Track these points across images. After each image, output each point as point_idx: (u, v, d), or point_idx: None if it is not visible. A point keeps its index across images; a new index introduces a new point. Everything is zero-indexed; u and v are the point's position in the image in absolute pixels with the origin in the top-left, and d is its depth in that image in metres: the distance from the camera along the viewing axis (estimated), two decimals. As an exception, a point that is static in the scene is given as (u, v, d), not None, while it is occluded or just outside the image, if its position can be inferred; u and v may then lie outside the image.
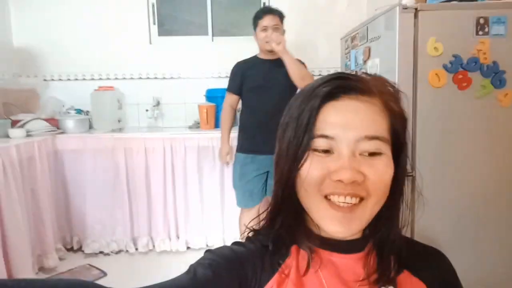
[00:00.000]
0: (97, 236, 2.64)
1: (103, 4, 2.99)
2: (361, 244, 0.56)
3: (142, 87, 3.08)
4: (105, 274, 2.38)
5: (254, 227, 0.63)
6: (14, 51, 2.99)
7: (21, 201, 2.12)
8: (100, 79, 3.06)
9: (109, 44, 3.03)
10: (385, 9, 1.38)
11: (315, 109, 0.52)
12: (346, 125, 0.51)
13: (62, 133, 2.67)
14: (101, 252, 2.66)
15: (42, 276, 2.32)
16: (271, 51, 2.10)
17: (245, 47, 2.50)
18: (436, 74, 1.30)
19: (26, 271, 2.09)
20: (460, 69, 1.29)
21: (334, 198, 0.50)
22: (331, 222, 0.51)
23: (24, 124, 2.50)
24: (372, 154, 0.51)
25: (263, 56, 2.22)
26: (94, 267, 2.47)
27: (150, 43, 3.08)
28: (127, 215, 2.64)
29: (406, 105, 0.58)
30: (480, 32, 1.28)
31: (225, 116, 2.34)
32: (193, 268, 0.53)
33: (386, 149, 0.52)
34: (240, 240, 0.62)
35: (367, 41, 1.53)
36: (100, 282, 2.27)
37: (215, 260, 0.54)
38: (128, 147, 2.61)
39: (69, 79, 3.06)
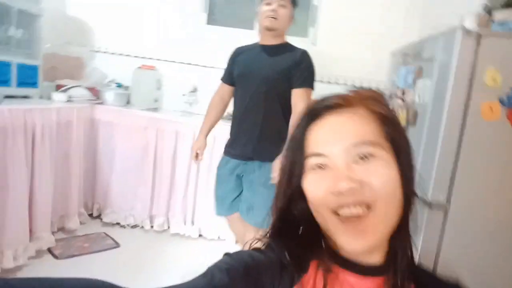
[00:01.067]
0: (117, 208, 2.71)
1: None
2: (382, 269, 0.54)
3: (183, 72, 3.12)
4: (118, 245, 2.45)
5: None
6: (67, 19, 3.09)
7: (53, 163, 2.21)
8: (144, 57, 3.12)
9: (158, 25, 3.09)
10: (445, 30, 1.32)
11: (303, 132, 0.57)
12: (333, 139, 0.53)
13: (101, 103, 2.75)
14: (117, 223, 2.73)
15: (61, 235, 2.42)
16: (271, 30, 1.76)
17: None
18: (490, 106, 1.23)
19: (45, 228, 2.18)
20: (516, 105, 1.22)
21: (342, 211, 0.51)
22: (345, 238, 0.51)
23: (67, 89, 2.59)
24: (365, 158, 0.51)
25: (262, 41, 1.85)
26: (109, 236, 2.54)
27: (197, 30, 3.11)
28: (149, 193, 2.69)
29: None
30: (545, 69, 1.21)
31: (210, 105, 2.05)
32: (210, 272, 0.52)
33: (380, 152, 0.52)
34: (261, 247, 0.62)
35: (420, 60, 1.47)
36: (112, 252, 2.37)
37: (233, 265, 0.53)
38: (160, 127, 2.66)
39: (114, 53, 3.14)
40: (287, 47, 1.82)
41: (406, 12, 2.90)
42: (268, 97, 1.74)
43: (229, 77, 1.95)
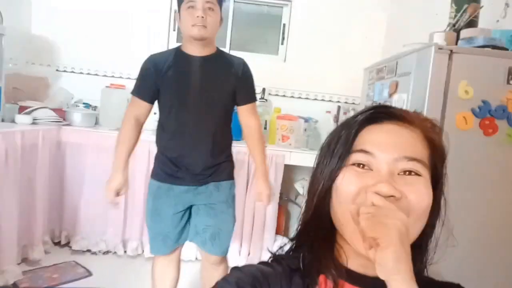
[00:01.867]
0: (87, 234, 2.57)
1: (126, 4, 3.01)
2: None
3: (154, 90, 3.06)
4: (90, 273, 2.31)
5: (279, 251, 0.63)
6: (31, 38, 2.96)
7: (17, 188, 2.06)
8: (113, 76, 3.04)
9: (127, 43, 3.03)
10: (418, 47, 1.40)
11: (357, 128, 0.56)
12: (387, 144, 0.53)
13: (67, 125, 2.63)
14: (88, 250, 2.58)
15: (25, 268, 2.23)
16: (201, 40, 1.51)
17: (262, 64, 2.50)
18: (464, 117, 1.31)
19: (10, 260, 2.01)
20: (487, 115, 1.31)
21: None
22: (362, 244, 0.50)
23: (32, 111, 2.46)
24: (410, 173, 0.52)
25: (189, 50, 1.56)
26: (80, 265, 2.39)
27: (167, 48, 3.08)
28: (121, 216, 2.58)
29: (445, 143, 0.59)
30: (511, 82, 1.31)
31: (125, 131, 1.68)
32: (220, 286, 0.52)
33: (425, 173, 0.53)
34: (268, 261, 0.61)
35: (395, 75, 1.55)
36: (84, 281, 2.22)
37: (242, 278, 0.54)
38: (132, 147, 2.57)
39: (81, 73, 3.04)
40: (223, 58, 1.63)
41: (370, 29, 3.05)
42: (216, 119, 1.60)
43: (151, 94, 1.62)
